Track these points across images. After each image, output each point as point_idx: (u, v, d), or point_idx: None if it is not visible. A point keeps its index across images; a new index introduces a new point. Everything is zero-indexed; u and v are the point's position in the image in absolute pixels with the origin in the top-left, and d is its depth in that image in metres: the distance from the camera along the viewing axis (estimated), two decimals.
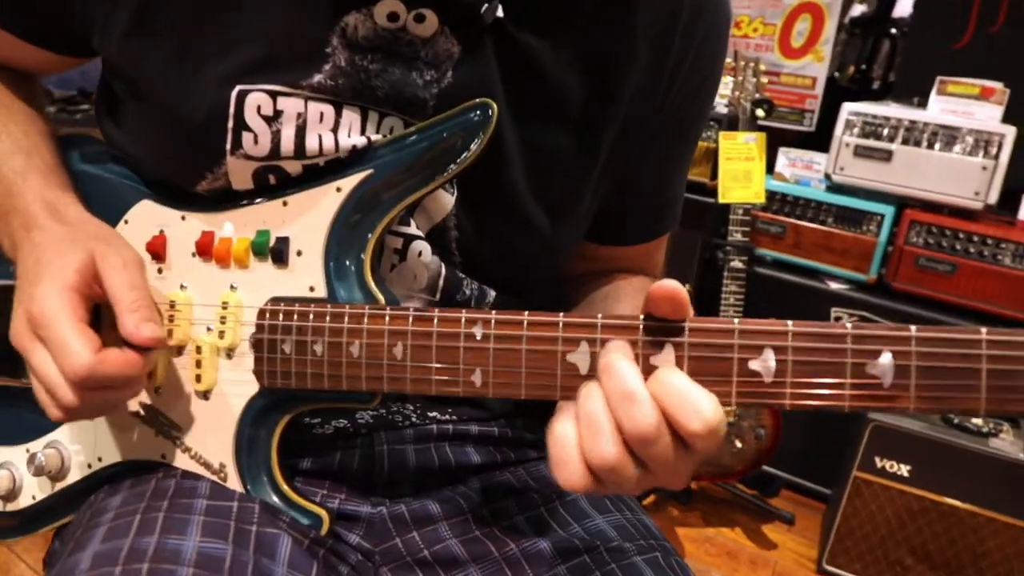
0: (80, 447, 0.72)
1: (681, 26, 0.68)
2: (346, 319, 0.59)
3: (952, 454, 1.81)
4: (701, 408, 0.47)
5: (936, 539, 1.86)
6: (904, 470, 1.86)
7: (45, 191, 0.66)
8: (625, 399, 0.48)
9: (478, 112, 0.59)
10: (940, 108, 1.99)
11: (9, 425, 0.75)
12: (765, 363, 0.50)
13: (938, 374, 0.48)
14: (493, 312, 0.55)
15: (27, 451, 0.74)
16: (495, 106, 0.59)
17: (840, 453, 2.00)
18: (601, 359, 0.50)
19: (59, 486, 0.73)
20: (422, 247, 0.67)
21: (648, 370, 0.50)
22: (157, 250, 0.68)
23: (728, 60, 2.08)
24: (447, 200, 0.66)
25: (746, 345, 0.50)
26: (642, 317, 0.52)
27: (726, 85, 2.13)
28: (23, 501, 0.75)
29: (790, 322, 0.49)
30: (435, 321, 0.56)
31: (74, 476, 0.72)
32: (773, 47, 2.35)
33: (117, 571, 0.53)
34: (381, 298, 0.61)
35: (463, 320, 0.55)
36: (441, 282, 0.68)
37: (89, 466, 0.71)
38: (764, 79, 1.98)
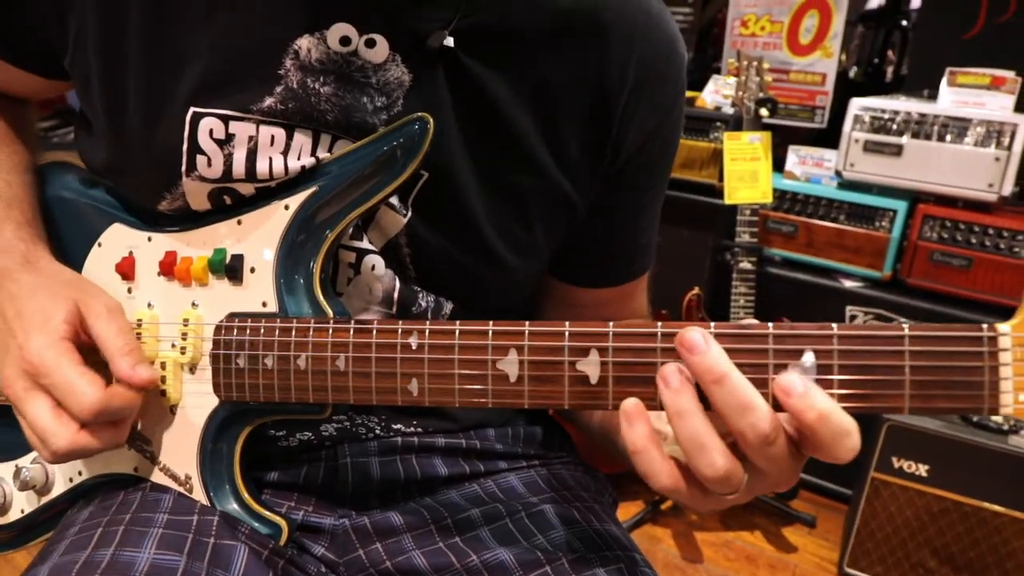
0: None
1: (632, 71, 0.68)
2: (293, 333, 0.60)
3: (971, 453, 1.77)
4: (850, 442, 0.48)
5: (959, 540, 1.82)
6: (922, 470, 1.82)
7: (17, 243, 0.69)
8: (745, 410, 0.47)
9: (416, 126, 0.60)
10: (951, 99, 1.96)
11: (1, 442, 0.78)
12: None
13: (861, 371, 0.48)
14: (428, 323, 0.56)
15: (15, 466, 0.77)
16: (431, 119, 0.60)
17: (859, 453, 1.96)
18: (702, 367, 0.48)
19: (44, 500, 0.76)
20: (375, 261, 0.68)
21: (576, 374, 0.51)
22: (126, 270, 0.70)
23: (731, 60, 2.07)
24: (398, 218, 0.67)
25: (668, 348, 0.50)
26: (567, 323, 0.52)
27: (730, 86, 2.12)
28: (13, 515, 0.78)
29: (712, 325, 0.50)
30: (374, 332, 0.57)
31: (58, 490, 0.75)
32: (781, 44, 2.33)
33: None
34: (329, 311, 0.62)
35: (400, 331, 0.56)
36: (396, 295, 0.69)
37: (71, 480, 0.74)
38: (768, 78, 1.96)
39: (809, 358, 0.48)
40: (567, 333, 0.52)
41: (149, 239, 0.70)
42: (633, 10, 0.69)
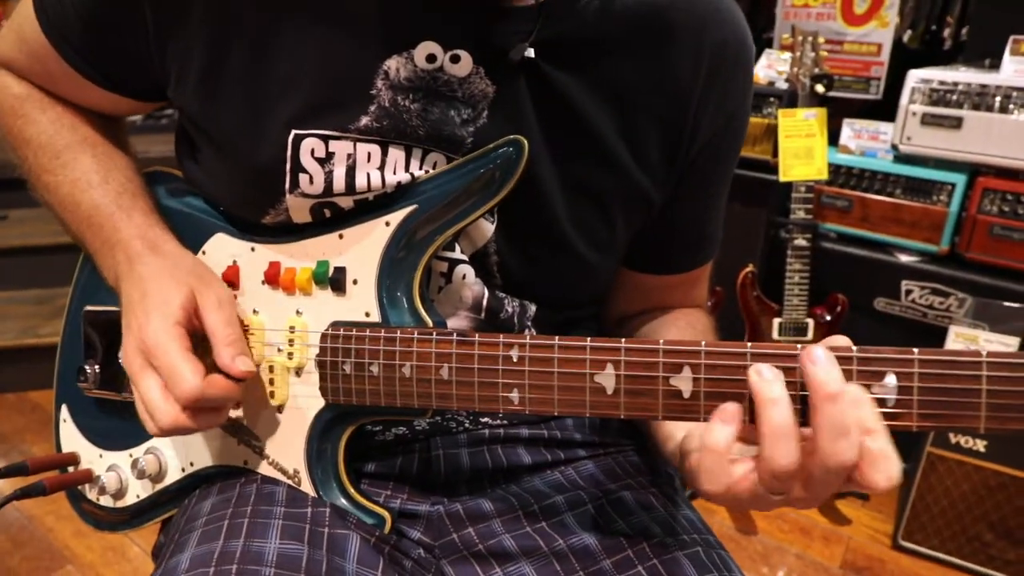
0: (175, 453, 0.81)
1: (706, 63, 0.71)
2: (398, 342, 0.65)
3: None
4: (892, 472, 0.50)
5: (1017, 514, 1.82)
6: (980, 445, 1.83)
7: (147, 229, 0.74)
8: (841, 435, 0.49)
9: (511, 148, 0.64)
10: (1014, 69, 1.91)
11: (116, 433, 0.85)
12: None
13: (939, 394, 0.51)
14: (528, 337, 0.60)
15: (130, 456, 0.83)
16: (525, 143, 0.64)
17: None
18: (818, 382, 0.50)
19: (159, 487, 0.82)
20: (466, 270, 0.72)
21: (669, 389, 0.55)
22: (231, 279, 0.75)
23: (786, 36, 2.05)
24: (487, 228, 0.71)
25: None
26: (662, 340, 0.56)
27: (784, 61, 2.10)
28: (129, 499, 0.85)
29: (799, 346, 0.53)
30: (476, 345, 0.61)
31: (171, 478, 0.81)
32: (835, 15, 2.29)
33: (211, 571, 0.61)
34: (429, 321, 0.67)
35: (501, 344, 0.60)
36: (484, 302, 0.74)
37: (183, 470, 0.80)
38: (824, 52, 1.94)
39: (891, 380, 0.51)
40: (661, 350, 0.56)
41: (252, 249, 0.74)
42: (704, 5, 0.71)
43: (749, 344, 0.55)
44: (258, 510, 0.70)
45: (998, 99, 1.88)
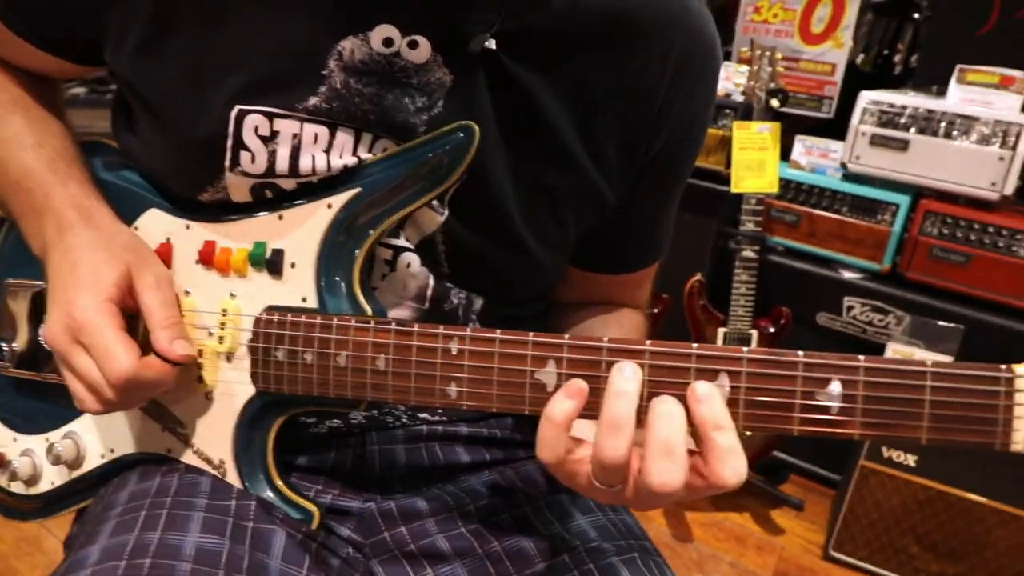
0: (94, 438, 0.76)
1: (671, 68, 0.70)
2: (334, 330, 0.62)
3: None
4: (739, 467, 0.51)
5: (942, 528, 1.87)
6: (911, 460, 1.87)
7: (82, 199, 0.70)
8: (720, 446, 0.51)
9: (461, 134, 0.62)
10: (959, 97, 1.97)
11: (31, 415, 0.81)
12: (720, 388, 0.53)
13: (883, 403, 0.50)
14: (469, 329, 0.58)
15: (47, 440, 0.79)
16: (477, 129, 0.62)
17: (849, 441, 2.00)
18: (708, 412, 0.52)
19: (75, 474, 0.78)
20: (411, 259, 0.70)
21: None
22: (164, 257, 0.71)
23: (744, 49, 2.08)
24: (436, 218, 0.69)
25: (703, 370, 0.53)
26: (606, 338, 0.54)
27: (741, 74, 2.12)
28: (43, 486, 0.80)
29: (745, 349, 0.52)
30: (415, 335, 0.59)
31: (89, 465, 0.77)
32: (793, 33, 2.33)
33: (122, 565, 0.58)
34: (368, 309, 0.64)
35: (441, 335, 0.58)
36: (429, 291, 0.71)
37: (102, 456, 0.76)
38: (780, 68, 1.97)
39: (836, 388, 0.51)
40: (605, 348, 0.54)
41: (187, 227, 0.71)
42: (676, 9, 0.70)
43: (694, 345, 0.54)
44: (179, 501, 0.66)
45: (943, 124, 1.93)
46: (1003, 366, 0.49)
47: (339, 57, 0.63)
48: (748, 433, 0.54)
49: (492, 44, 0.64)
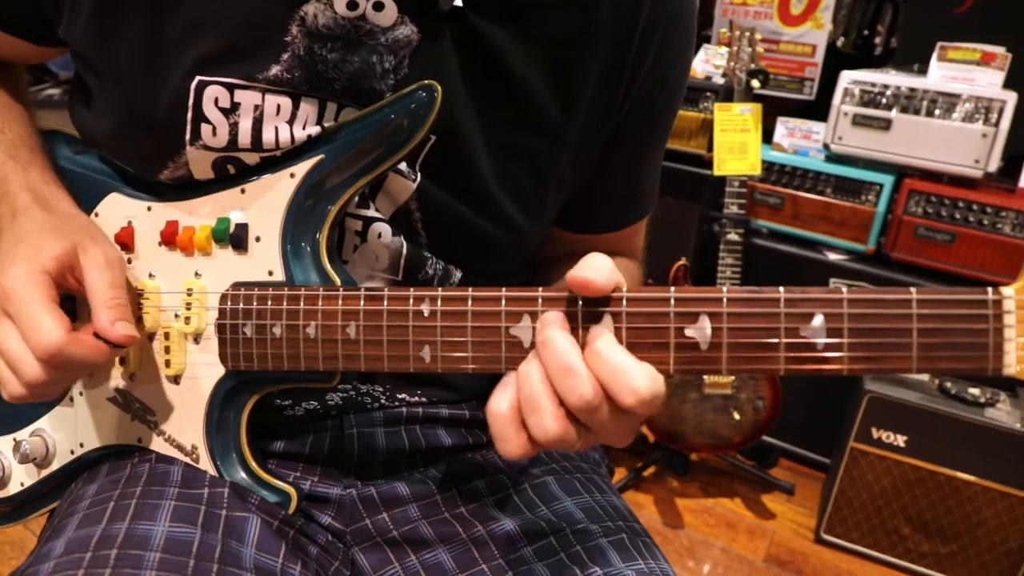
0: (63, 435, 0.73)
1: (643, 19, 0.67)
2: (302, 301, 0.60)
3: (948, 424, 1.81)
4: (635, 384, 0.48)
5: (932, 508, 1.87)
6: (901, 440, 1.86)
7: (40, 185, 0.67)
8: (565, 373, 0.50)
9: (423, 93, 0.59)
10: (940, 75, 1.96)
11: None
12: (701, 330, 0.51)
13: (869, 335, 0.49)
14: (440, 289, 0.56)
15: (13, 440, 0.76)
16: (439, 88, 0.59)
17: (838, 423, 2.00)
18: (538, 333, 0.52)
19: (45, 472, 0.75)
20: (382, 228, 0.67)
21: (587, 342, 0.51)
22: (126, 240, 0.69)
23: (723, 30, 2.06)
24: (407, 185, 0.67)
25: (682, 313, 0.51)
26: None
27: (721, 56, 2.10)
28: (12, 488, 0.77)
29: (724, 288, 0.51)
30: (385, 300, 0.57)
31: (59, 462, 0.74)
32: (772, 14, 2.31)
33: (87, 557, 0.55)
34: (337, 280, 0.62)
35: (411, 298, 0.56)
36: (403, 261, 0.69)
37: (72, 452, 0.73)
38: (760, 48, 1.95)
39: (819, 321, 0.49)
40: (580, 300, 0.52)
41: (149, 208, 0.68)
42: None
43: (673, 288, 0.52)
44: (149, 491, 0.64)
45: (925, 103, 1.93)
46: (989, 289, 0.47)
47: (301, 22, 0.61)
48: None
49: (459, 2, 0.62)
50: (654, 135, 0.77)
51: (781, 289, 0.50)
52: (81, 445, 0.73)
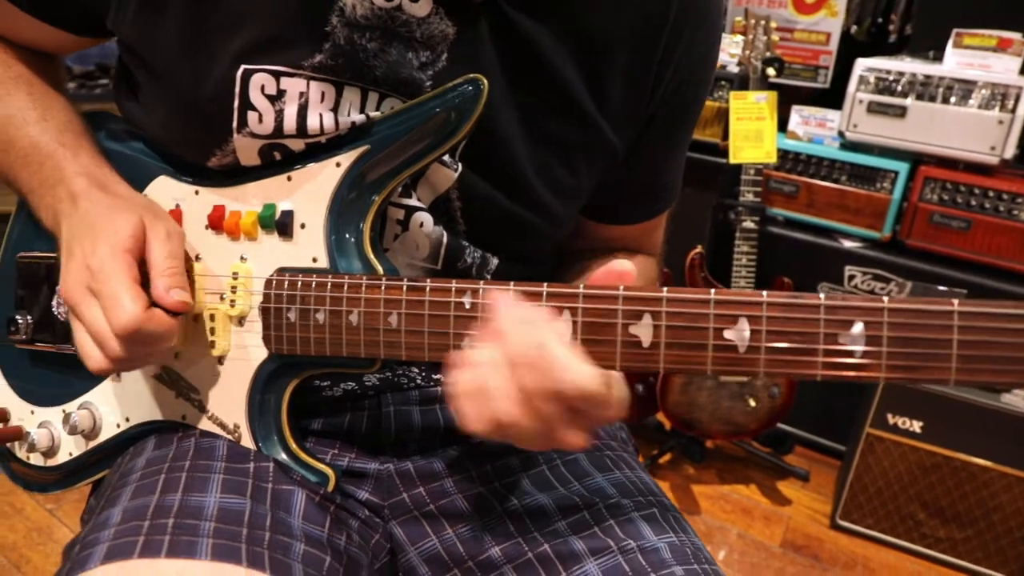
0: (109, 408, 0.76)
1: (673, 14, 0.69)
2: (345, 289, 0.62)
3: (964, 410, 1.82)
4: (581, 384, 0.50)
5: (948, 494, 1.88)
6: (916, 426, 1.88)
7: (92, 168, 0.70)
8: (527, 363, 0.51)
9: (469, 87, 0.61)
10: (956, 61, 1.96)
11: (48, 387, 0.81)
12: (740, 332, 0.52)
13: (909, 344, 0.49)
14: (481, 282, 0.58)
15: (63, 411, 0.79)
16: (486, 81, 0.61)
17: (853, 410, 2.02)
18: (498, 321, 0.53)
19: (92, 444, 0.78)
20: (424, 218, 0.69)
21: (626, 336, 0.53)
22: None
23: (738, 19, 2.06)
24: (449, 173, 0.69)
25: (722, 315, 0.52)
26: (622, 287, 0.54)
27: (736, 44, 2.11)
28: (61, 457, 0.80)
29: (764, 293, 0.51)
30: (427, 291, 0.59)
31: (105, 435, 0.77)
32: (786, 2, 2.32)
33: (145, 525, 0.58)
34: (379, 268, 0.64)
35: (453, 290, 0.58)
36: (443, 251, 0.71)
37: (118, 426, 0.76)
38: (775, 37, 1.96)
39: (858, 329, 0.50)
40: (621, 297, 0.54)
41: (196, 192, 0.70)
42: None
43: (712, 292, 0.53)
44: (197, 464, 0.66)
45: (941, 89, 1.93)
46: None
47: (341, 13, 0.63)
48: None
49: None
50: (681, 129, 0.79)
51: (822, 296, 0.51)
52: (127, 419, 0.75)
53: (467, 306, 0.58)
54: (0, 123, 0.72)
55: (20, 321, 0.79)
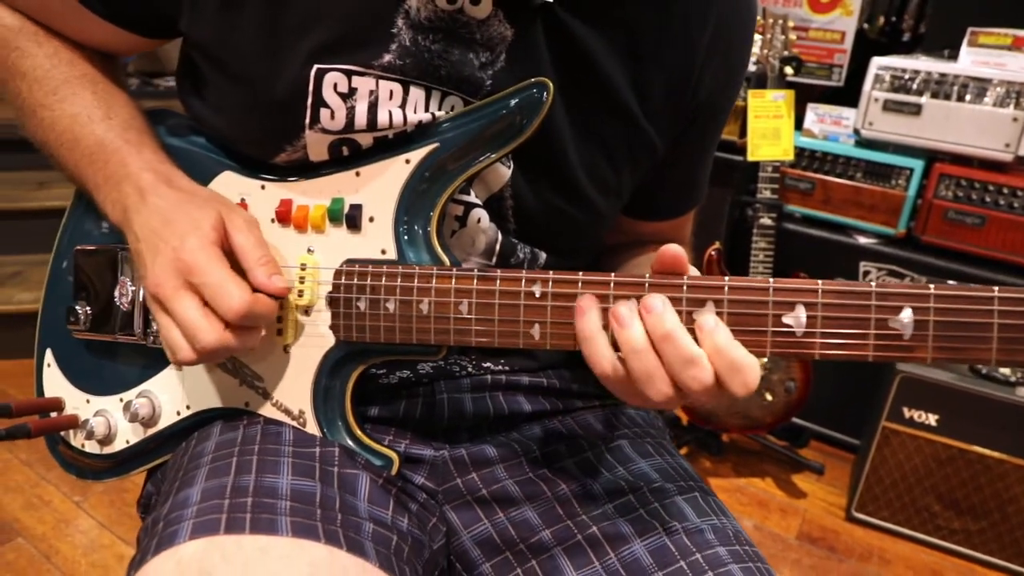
0: (169, 396, 0.79)
1: (714, 21, 0.72)
2: (416, 279, 0.65)
3: (979, 403, 1.85)
4: (749, 379, 0.55)
5: (963, 486, 1.91)
6: (932, 419, 1.90)
7: (158, 164, 0.72)
8: (686, 364, 0.55)
9: (535, 91, 0.64)
10: (971, 60, 1.99)
11: (105, 376, 0.83)
12: (797, 318, 0.56)
13: (953, 328, 0.53)
14: (551, 272, 0.61)
15: (120, 400, 0.81)
16: (551, 85, 0.64)
17: (868, 404, 2.04)
18: (650, 321, 0.56)
19: (150, 432, 0.80)
20: (481, 214, 0.72)
21: (690, 324, 0.56)
22: None
23: (757, 18, 2.09)
24: (504, 172, 0.72)
25: (780, 302, 0.56)
26: (685, 277, 0.57)
27: (755, 42, 2.13)
28: (118, 445, 0.82)
29: (820, 281, 0.55)
30: (498, 281, 0.62)
31: (164, 423, 0.79)
32: (801, 1, 2.34)
33: (225, 503, 0.61)
34: (447, 260, 0.67)
35: (523, 279, 0.61)
36: (498, 247, 0.74)
37: (178, 413, 0.78)
38: (793, 36, 1.98)
39: (907, 314, 0.54)
40: (685, 286, 0.57)
41: (262, 187, 0.73)
42: None
43: (771, 280, 0.56)
44: (266, 448, 0.69)
45: (956, 88, 1.95)
46: None
47: (406, 15, 0.66)
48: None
49: None
50: (714, 131, 0.83)
51: (873, 283, 0.55)
52: (188, 407, 0.78)
53: (537, 295, 0.61)
54: (66, 122, 0.75)
55: (80, 312, 0.81)
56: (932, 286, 0.54)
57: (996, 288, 0.53)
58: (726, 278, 0.57)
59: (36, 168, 2.81)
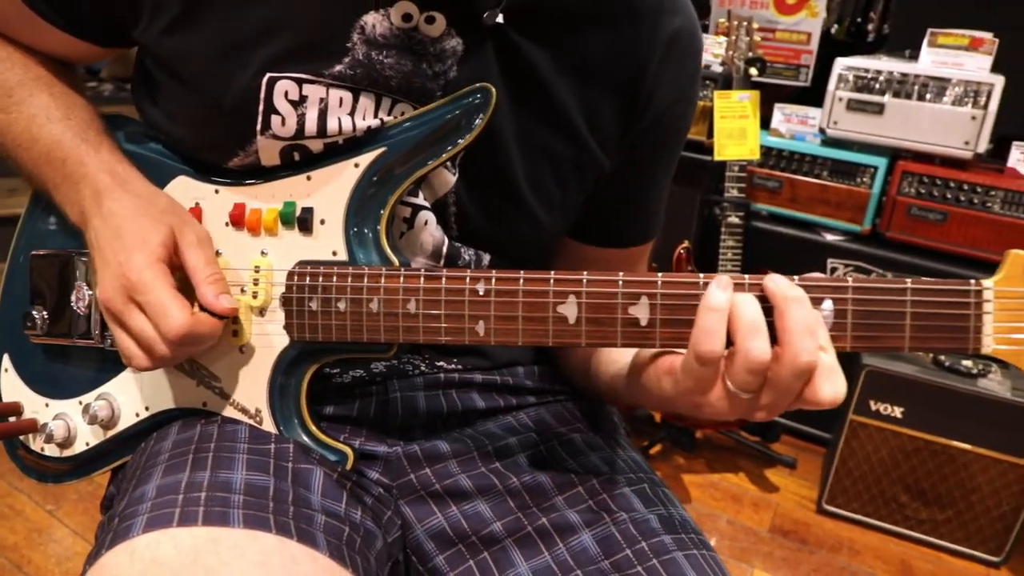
0: (128, 398, 0.80)
1: (662, 46, 0.75)
2: (365, 279, 0.67)
3: (943, 396, 1.89)
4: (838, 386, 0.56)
5: (929, 476, 1.95)
6: (898, 412, 1.94)
7: (116, 165, 0.73)
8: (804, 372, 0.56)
9: (479, 96, 0.67)
10: (931, 60, 2.03)
11: (64, 380, 0.84)
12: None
13: (870, 316, 0.57)
14: (494, 271, 0.63)
15: (80, 403, 0.82)
16: (493, 90, 0.66)
17: None
18: (786, 326, 0.56)
19: (110, 433, 0.81)
20: (428, 217, 0.74)
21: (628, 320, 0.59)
22: None
23: (721, 20, 2.12)
24: (449, 178, 0.74)
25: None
26: (621, 273, 0.60)
27: (720, 45, 2.17)
28: (77, 447, 0.83)
29: (747, 276, 0.58)
30: (443, 279, 0.64)
31: (124, 424, 0.80)
32: (768, 3, 2.38)
33: (179, 498, 0.62)
34: (396, 261, 0.69)
35: (468, 278, 0.63)
36: (444, 249, 0.76)
37: (137, 415, 0.80)
38: (757, 37, 2.02)
39: (828, 305, 0.57)
40: (620, 281, 0.59)
41: (216, 191, 0.75)
42: None
43: (701, 275, 0.59)
44: (222, 446, 0.70)
45: (916, 87, 2.00)
46: (972, 281, 0.56)
47: (361, 31, 0.68)
48: None
49: (500, 19, 0.69)
50: (663, 156, 0.84)
51: (795, 277, 0.58)
52: (147, 408, 0.79)
53: (481, 292, 0.63)
54: (23, 122, 0.76)
55: (36, 316, 0.82)
56: (850, 279, 0.57)
57: (909, 280, 0.56)
58: (700, 276, 0.59)
59: (5, 176, 2.80)
